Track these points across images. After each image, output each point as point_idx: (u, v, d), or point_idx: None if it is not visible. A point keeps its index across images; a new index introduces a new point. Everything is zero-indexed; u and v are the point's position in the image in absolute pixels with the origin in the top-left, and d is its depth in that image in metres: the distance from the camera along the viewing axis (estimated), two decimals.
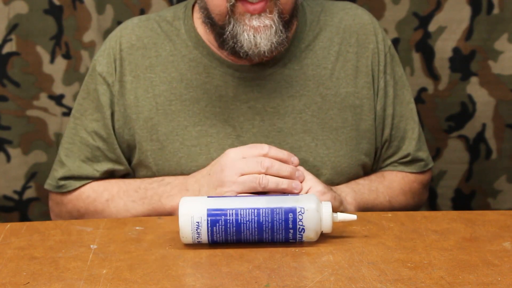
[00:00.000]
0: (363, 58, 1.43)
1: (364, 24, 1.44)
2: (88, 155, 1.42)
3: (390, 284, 1.05)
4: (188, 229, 1.15)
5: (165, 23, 1.43)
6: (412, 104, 1.47)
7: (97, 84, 1.41)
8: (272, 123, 1.38)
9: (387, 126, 1.44)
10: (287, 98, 1.39)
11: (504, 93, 1.80)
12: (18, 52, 1.75)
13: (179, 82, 1.39)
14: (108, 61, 1.41)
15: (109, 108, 1.40)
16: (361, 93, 1.42)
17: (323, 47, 1.42)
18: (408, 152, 1.46)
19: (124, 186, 1.40)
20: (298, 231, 1.15)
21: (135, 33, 1.42)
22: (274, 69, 1.39)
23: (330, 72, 1.41)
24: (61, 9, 1.74)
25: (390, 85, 1.44)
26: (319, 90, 1.40)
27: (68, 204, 1.44)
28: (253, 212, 1.15)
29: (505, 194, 1.87)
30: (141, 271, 1.10)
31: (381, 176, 1.46)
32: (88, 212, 1.41)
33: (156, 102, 1.39)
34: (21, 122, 1.79)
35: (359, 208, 1.38)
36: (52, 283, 1.08)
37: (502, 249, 1.16)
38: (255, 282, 1.07)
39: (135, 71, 1.40)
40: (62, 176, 1.43)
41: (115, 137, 1.41)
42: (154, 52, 1.41)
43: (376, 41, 1.44)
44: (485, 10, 1.76)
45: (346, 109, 1.40)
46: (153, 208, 1.36)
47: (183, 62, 1.40)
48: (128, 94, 1.40)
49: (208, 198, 1.18)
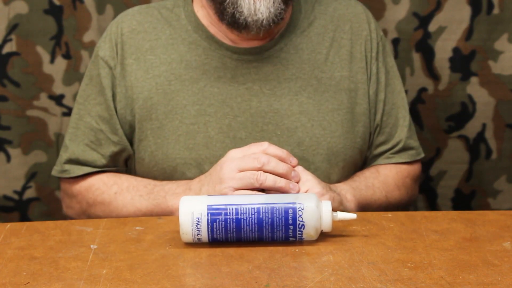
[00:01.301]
0: (357, 44, 1.47)
1: (357, 13, 1.49)
2: (92, 139, 1.45)
3: (390, 284, 1.05)
4: (188, 226, 1.16)
5: (165, 10, 1.47)
6: (403, 93, 1.51)
7: (100, 68, 1.45)
8: (269, 104, 1.41)
9: (378, 111, 1.48)
10: (284, 80, 1.42)
11: (504, 93, 1.80)
12: (18, 52, 1.75)
13: (178, 63, 1.43)
14: (110, 45, 1.45)
15: (111, 90, 1.43)
16: (356, 77, 1.45)
17: (318, 33, 1.46)
18: (400, 139, 1.49)
19: (134, 182, 1.42)
20: (298, 228, 1.16)
21: (135, 19, 1.47)
22: (271, 52, 1.43)
23: (324, 56, 1.45)
24: (61, 9, 1.74)
25: (382, 72, 1.48)
26: (314, 73, 1.43)
27: (78, 195, 1.46)
28: (253, 209, 1.15)
29: (505, 194, 1.86)
30: (141, 271, 1.10)
31: (376, 172, 1.47)
32: (96, 203, 1.43)
33: (156, 82, 1.42)
34: (21, 122, 1.79)
35: (359, 205, 1.39)
36: (52, 283, 1.08)
37: (502, 249, 1.16)
38: (255, 282, 1.07)
39: (136, 54, 1.44)
40: (66, 159, 1.46)
41: (117, 118, 1.43)
42: (154, 35, 1.45)
43: (369, 29, 1.49)
44: (485, 10, 1.76)
45: (341, 92, 1.44)
46: (158, 204, 1.37)
47: (182, 45, 1.44)
48: (129, 76, 1.43)
49: (208, 196, 1.19)
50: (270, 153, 1.30)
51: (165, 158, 1.41)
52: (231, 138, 1.39)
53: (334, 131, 1.42)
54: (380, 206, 1.43)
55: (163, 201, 1.37)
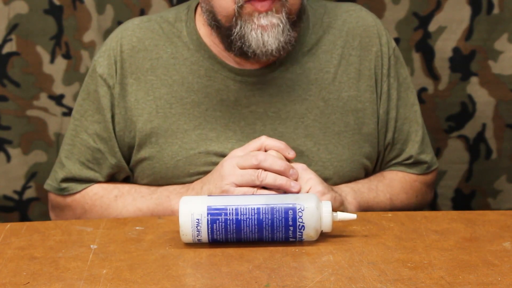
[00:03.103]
0: (366, 61, 1.42)
1: (368, 27, 1.43)
2: (89, 157, 1.41)
3: (390, 284, 1.05)
4: (188, 226, 1.16)
5: (166, 24, 1.42)
6: (416, 106, 1.47)
7: (98, 85, 1.40)
8: (273, 127, 1.38)
9: (390, 129, 1.44)
10: (289, 102, 1.38)
11: (504, 93, 1.80)
12: (18, 52, 1.75)
13: (180, 85, 1.39)
14: (109, 62, 1.40)
15: (110, 111, 1.40)
16: (364, 96, 1.41)
17: (326, 50, 1.41)
18: (410, 155, 1.46)
19: (136, 185, 1.41)
20: (298, 229, 1.16)
21: (136, 35, 1.41)
22: (276, 73, 1.38)
23: (332, 76, 1.40)
24: (61, 9, 1.74)
25: (393, 87, 1.43)
26: (321, 94, 1.39)
27: (73, 202, 1.43)
28: (253, 210, 1.15)
29: (505, 194, 1.86)
30: (141, 271, 1.10)
31: (381, 175, 1.45)
32: (93, 209, 1.41)
33: (157, 105, 1.38)
34: (21, 122, 1.79)
35: (360, 208, 1.37)
36: (52, 283, 1.08)
37: (502, 249, 1.16)
38: (255, 282, 1.07)
39: (136, 74, 1.40)
40: (63, 177, 1.43)
41: (116, 140, 1.40)
42: (155, 54, 1.40)
43: (380, 44, 1.43)
44: (485, 10, 1.75)
45: (348, 113, 1.40)
46: (160, 203, 1.36)
47: (184, 65, 1.39)
48: (129, 97, 1.39)
49: (208, 197, 1.19)
50: (268, 145, 1.29)
51: (164, 183, 1.39)
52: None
53: (340, 155, 1.39)
54: (384, 209, 1.41)
55: (166, 200, 1.35)
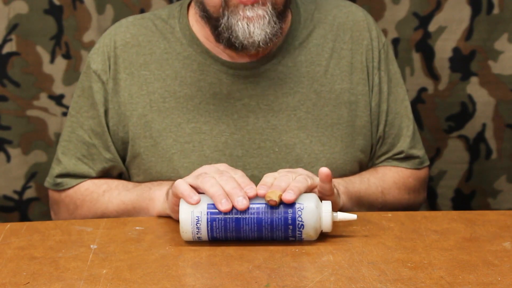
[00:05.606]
0: (357, 54, 1.43)
1: (358, 21, 1.45)
2: (84, 153, 1.43)
3: (390, 284, 1.05)
4: (188, 224, 1.16)
5: (159, 21, 1.44)
6: (406, 102, 1.47)
7: (92, 81, 1.42)
8: (266, 120, 1.39)
9: (381, 122, 1.45)
10: (281, 95, 1.40)
11: (504, 93, 1.80)
12: (18, 52, 1.75)
13: (173, 80, 1.40)
14: (103, 58, 1.42)
15: (103, 106, 1.41)
16: (357, 89, 1.42)
17: (317, 44, 1.43)
18: (401, 149, 1.46)
19: (124, 181, 1.42)
20: (298, 227, 1.16)
21: (129, 31, 1.43)
22: (268, 66, 1.40)
23: (324, 69, 1.42)
24: (61, 9, 1.74)
25: (384, 81, 1.45)
26: (313, 87, 1.41)
27: (66, 198, 1.44)
28: (253, 208, 1.15)
29: (505, 194, 1.86)
30: (141, 271, 1.10)
31: (373, 170, 1.46)
32: (84, 204, 1.42)
33: (150, 99, 1.40)
34: (21, 122, 1.79)
35: (350, 198, 1.36)
36: (52, 283, 1.08)
37: (502, 249, 1.16)
38: (255, 282, 1.07)
39: (129, 69, 1.41)
40: (58, 173, 1.44)
41: (109, 135, 1.41)
42: (149, 49, 1.42)
43: (370, 38, 1.45)
44: (485, 10, 1.76)
45: (341, 105, 1.41)
46: (141, 194, 1.36)
47: (177, 60, 1.41)
48: (122, 92, 1.40)
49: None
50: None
51: (160, 177, 1.39)
52: (227, 156, 1.38)
53: (333, 147, 1.40)
54: (375, 201, 1.41)
55: (146, 190, 1.36)
